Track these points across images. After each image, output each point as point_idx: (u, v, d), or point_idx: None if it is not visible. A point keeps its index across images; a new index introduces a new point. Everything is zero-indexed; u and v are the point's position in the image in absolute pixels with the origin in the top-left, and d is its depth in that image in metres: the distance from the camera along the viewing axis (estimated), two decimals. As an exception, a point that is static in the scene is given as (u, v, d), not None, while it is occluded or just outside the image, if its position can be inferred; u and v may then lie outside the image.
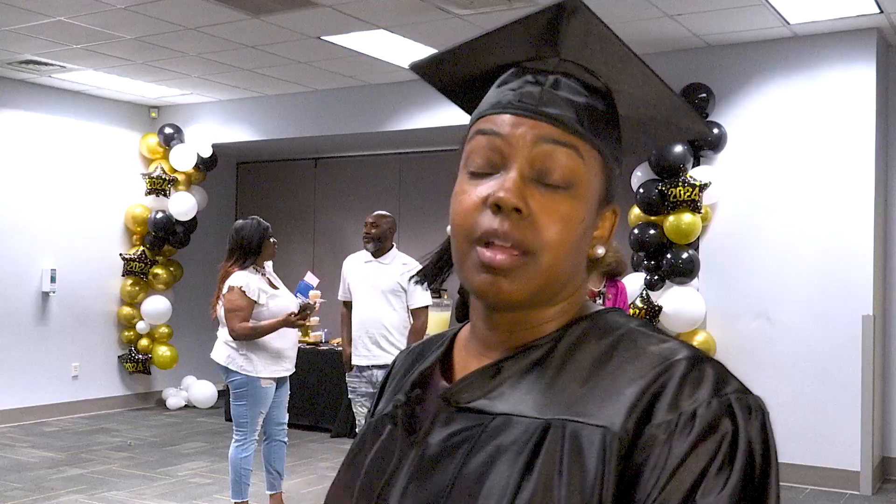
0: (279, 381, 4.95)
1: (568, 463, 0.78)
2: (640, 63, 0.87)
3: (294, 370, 5.03)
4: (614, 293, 5.63)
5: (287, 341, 4.90)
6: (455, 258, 0.88)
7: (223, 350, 4.86)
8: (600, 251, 0.91)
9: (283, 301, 4.88)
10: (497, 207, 0.83)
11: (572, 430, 0.79)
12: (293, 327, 4.89)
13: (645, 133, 0.95)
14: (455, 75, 0.97)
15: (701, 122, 0.94)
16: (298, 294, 5.33)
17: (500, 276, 0.83)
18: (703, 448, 0.75)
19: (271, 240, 4.91)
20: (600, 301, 5.66)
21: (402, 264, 5.11)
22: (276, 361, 4.85)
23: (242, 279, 4.75)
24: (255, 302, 4.76)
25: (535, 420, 0.81)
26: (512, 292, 0.84)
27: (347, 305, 5.22)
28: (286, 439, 5.05)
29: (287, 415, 5.10)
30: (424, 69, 0.98)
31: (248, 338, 4.75)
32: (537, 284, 0.84)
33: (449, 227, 0.91)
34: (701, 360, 0.80)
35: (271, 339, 4.80)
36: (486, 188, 0.85)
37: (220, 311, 4.86)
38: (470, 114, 0.94)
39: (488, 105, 0.89)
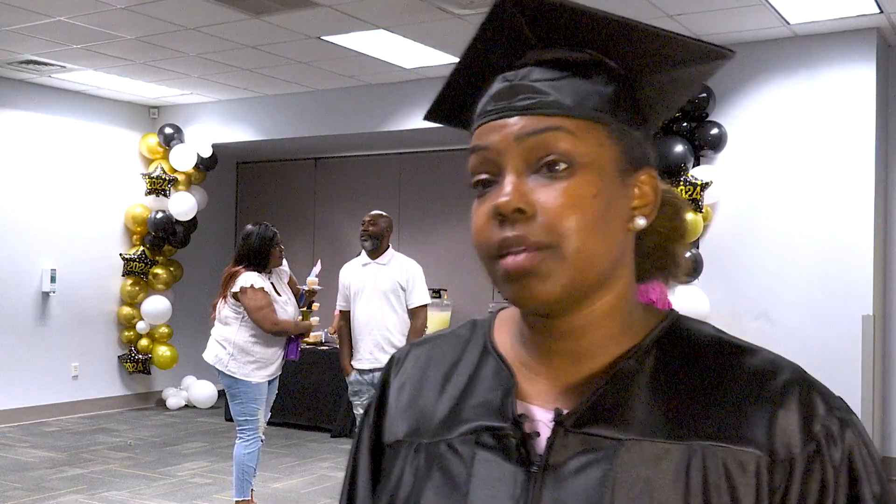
0: (269, 381, 5.03)
1: (727, 488, 0.78)
2: (628, 21, 0.83)
3: (280, 371, 5.10)
4: None
5: (274, 349, 4.96)
6: (488, 276, 0.86)
7: (213, 349, 4.95)
8: (640, 222, 0.85)
9: (280, 310, 4.93)
10: (500, 216, 0.80)
11: (720, 455, 0.79)
12: (306, 335, 5.15)
13: (672, 90, 0.89)
14: (463, 107, 0.92)
15: (714, 47, 0.85)
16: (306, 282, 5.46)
17: (528, 279, 0.80)
18: (858, 456, 0.81)
19: (279, 247, 4.97)
20: None
21: (399, 264, 5.12)
22: (261, 367, 4.92)
23: (253, 278, 4.83)
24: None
25: (671, 444, 0.80)
26: (545, 291, 0.80)
27: (344, 316, 5.22)
28: (263, 437, 5.07)
29: (269, 414, 5.17)
30: (435, 115, 0.96)
31: (281, 333, 4.90)
32: (569, 276, 0.80)
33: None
34: (802, 374, 0.84)
35: (259, 347, 4.88)
36: (489, 202, 0.82)
37: (223, 312, 4.90)
38: None
39: (473, 120, 0.87)
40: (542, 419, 0.84)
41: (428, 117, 0.97)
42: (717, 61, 0.86)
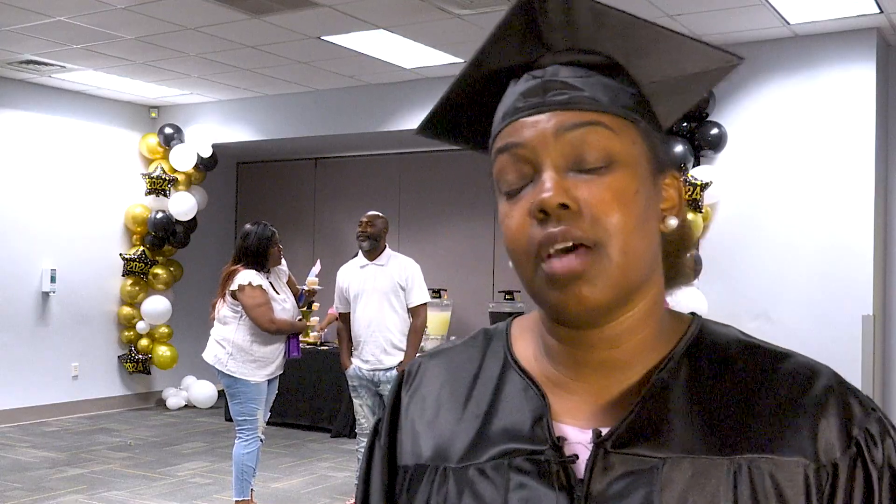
0: (268, 380, 5.02)
1: (777, 501, 0.76)
2: (644, 23, 0.80)
3: (281, 371, 5.09)
4: None
5: (273, 348, 4.96)
6: (524, 284, 0.81)
7: (212, 349, 4.96)
8: (672, 222, 0.83)
9: (278, 309, 4.93)
10: (543, 213, 0.76)
11: (766, 467, 0.76)
12: (303, 333, 5.12)
13: (679, 93, 0.88)
14: (462, 119, 0.89)
15: (728, 54, 0.85)
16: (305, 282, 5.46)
17: (577, 284, 0.75)
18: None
19: (277, 246, 4.97)
20: None
21: (398, 264, 5.12)
22: (260, 366, 4.92)
23: (251, 275, 4.84)
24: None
25: (715, 459, 0.77)
26: (595, 297, 0.76)
27: (343, 318, 5.22)
28: (263, 437, 5.07)
29: (269, 414, 5.17)
30: (430, 128, 0.91)
31: (278, 331, 4.88)
32: (616, 279, 0.76)
33: (510, 263, 0.82)
34: (838, 377, 0.82)
35: (258, 346, 4.88)
36: (526, 201, 0.78)
37: (221, 311, 4.92)
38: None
39: (497, 121, 0.83)
40: (578, 440, 0.80)
41: (422, 130, 0.92)
42: (725, 67, 0.85)
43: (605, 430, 0.80)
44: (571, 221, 0.76)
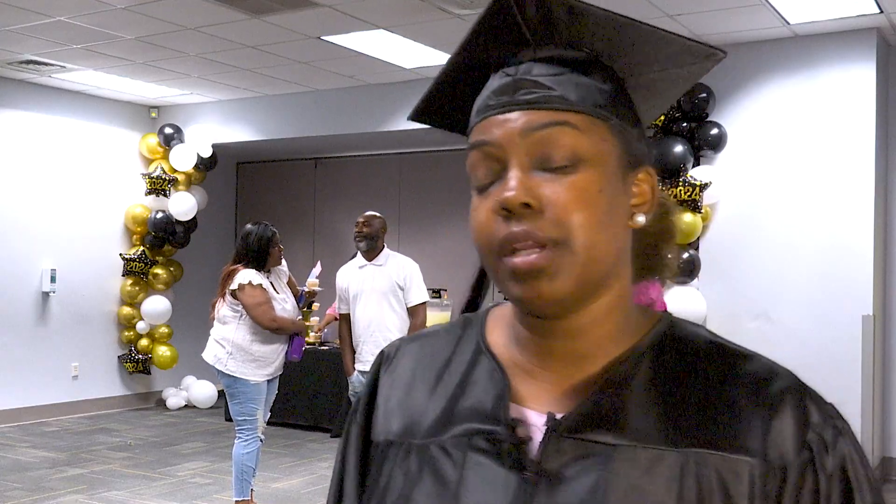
0: (268, 380, 5.02)
1: (721, 496, 0.77)
2: (624, 19, 0.81)
3: (281, 371, 5.08)
4: None
5: (273, 347, 4.96)
6: (490, 275, 0.84)
7: (212, 349, 4.95)
8: (640, 219, 0.83)
9: (278, 308, 4.93)
10: (506, 210, 0.78)
11: (714, 462, 0.77)
12: (303, 333, 5.12)
13: (663, 89, 0.89)
14: (452, 107, 0.91)
15: (707, 47, 0.84)
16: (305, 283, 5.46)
17: (537, 279, 0.77)
18: (851, 465, 0.79)
19: (277, 247, 4.97)
20: None
21: (396, 263, 5.12)
22: (260, 366, 4.91)
23: (251, 275, 4.83)
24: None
25: (665, 451, 0.78)
26: (555, 292, 0.78)
27: (344, 318, 5.23)
28: (263, 437, 5.06)
29: (269, 413, 5.17)
30: (421, 114, 0.94)
31: (279, 330, 4.87)
32: (577, 273, 0.78)
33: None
34: (798, 381, 0.83)
35: (257, 345, 4.88)
36: (492, 197, 0.80)
37: (221, 311, 4.92)
38: None
39: (472, 117, 0.85)
40: (537, 423, 0.82)
41: (414, 117, 0.94)
42: (708, 61, 0.85)
43: (560, 416, 0.81)
44: (534, 220, 0.77)
